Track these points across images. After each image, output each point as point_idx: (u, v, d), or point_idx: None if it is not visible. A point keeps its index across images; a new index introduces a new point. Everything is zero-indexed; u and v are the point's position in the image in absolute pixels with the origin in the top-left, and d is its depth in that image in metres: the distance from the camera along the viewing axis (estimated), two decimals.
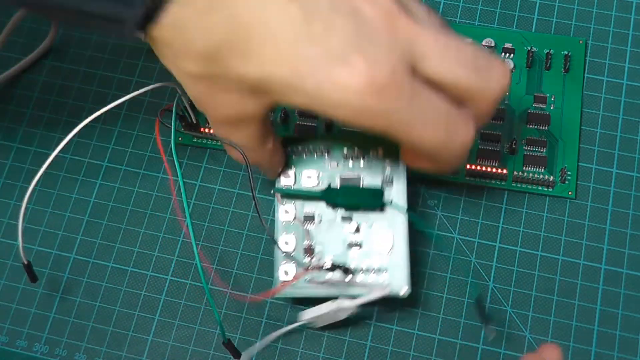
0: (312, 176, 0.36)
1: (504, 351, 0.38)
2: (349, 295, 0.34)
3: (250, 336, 0.39)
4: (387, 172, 0.35)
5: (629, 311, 0.38)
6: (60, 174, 0.42)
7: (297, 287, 0.35)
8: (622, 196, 0.40)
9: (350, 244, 0.35)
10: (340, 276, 0.34)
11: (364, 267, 0.35)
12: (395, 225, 0.35)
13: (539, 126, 0.41)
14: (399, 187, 0.35)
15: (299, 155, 0.36)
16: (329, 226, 0.36)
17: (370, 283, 0.35)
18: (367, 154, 0.36)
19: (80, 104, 0.44)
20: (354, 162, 0.36)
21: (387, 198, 0.35)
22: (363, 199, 0.35)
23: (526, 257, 0.39)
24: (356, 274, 0.35)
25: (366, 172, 0.36)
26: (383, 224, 0.35)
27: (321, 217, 0.36)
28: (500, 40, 0.43)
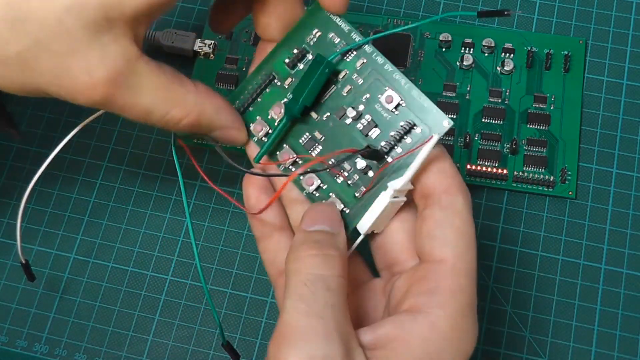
0: (277, 109, 0.32)
1: (504, 351, 0.38)
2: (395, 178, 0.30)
3: (250, 336, 0.39)
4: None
5: (629, 311, 0.38)
6: (60, 174, 0.42)
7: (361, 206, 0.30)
8: (622, 196, 0.40)
9: (364, 130, 0.31)
10: (378, 165, 0.30)
11: (392, 141, 0.30)
12: (389, 80, 0.31)
13: (539, 126, 0.41)
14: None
15: (253, 103, 0.32)
16: (332, 133, 0.31)
17: (410, 145, 0.30)
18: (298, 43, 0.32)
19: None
20: (301, 64, 0.32)
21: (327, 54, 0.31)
22: (311, 77, 0.30)
23: (526, 257, 0.39)
24: (388, 153, 0.30)
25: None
26: (378, 88, 0.31)
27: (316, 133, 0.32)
28: (500, 40, 0.43)
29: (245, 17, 0.34)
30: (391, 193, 0.29)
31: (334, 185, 0.31)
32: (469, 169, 0.40)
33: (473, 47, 0.43)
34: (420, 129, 0.30)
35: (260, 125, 0.32)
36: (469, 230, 0.29)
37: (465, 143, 0.41)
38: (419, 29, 0.44)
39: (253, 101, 0.32)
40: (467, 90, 0.42)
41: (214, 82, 0.43)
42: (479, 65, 0.43)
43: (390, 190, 0.29)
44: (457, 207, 0.29)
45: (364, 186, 0.31)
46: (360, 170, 0.31)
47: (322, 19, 0.32)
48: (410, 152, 0.30)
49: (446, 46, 0.43)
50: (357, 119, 0.31)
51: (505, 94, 0.42)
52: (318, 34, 0.32)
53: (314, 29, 0.32)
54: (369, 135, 0.31)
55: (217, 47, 0.44)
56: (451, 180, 0.29)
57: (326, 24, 0.32)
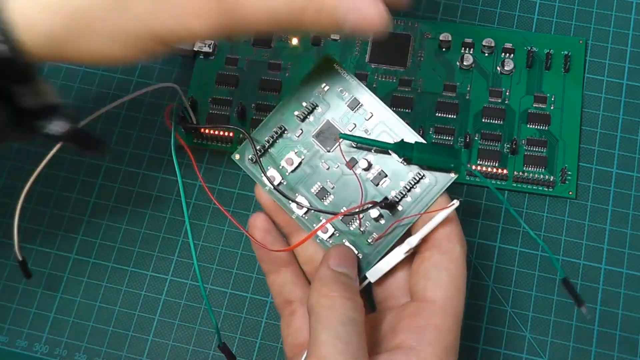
0: (292, 158, 0.33)
1: (504, 351, 0.38)
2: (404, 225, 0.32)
3: (250, 336, 0.39)
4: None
5: (629, 311, 0.38)
6: (60, 174, 0.42)
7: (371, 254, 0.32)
8: (622, 196, 0.40)
9: (374, 181, 0.33)
10: (389, 214, 0.32)
11: (403, 191, 0.32)
12: (397, 132, 0.33)
13: (539, 126, 0.41)
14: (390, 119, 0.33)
15: (265, 154, 0.34)
16: (343, 183, 0.33)
17: (419, 194, 0.32)
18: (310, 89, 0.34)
19: (81, 104, 0.44)
20: (311, 116, 0.34)
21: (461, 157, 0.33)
22: (440, 156, 0.32)
23: (526, 257, 0.39)
24: (399, 202, 0.32)
25: (330, 112, 0.34)
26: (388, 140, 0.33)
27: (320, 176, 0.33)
28: (500, 40, 0.43)
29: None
30: (406, 249, 0.32)
31: (347, 232, 0.33)
32: (468, 169, 0.40)
33: (473, 47, 0.43)
34: (428, 180, 0.33)
35: (273, 175, 0.33)
36: (461, 276, 0.31)
37: (465, 143, 0.41)
38: (419, 29, 0.44)
39: (265, 152, 0.34)
40: (467, 90, 0.42)
41: (214, 83, 0.43)
42: (479, 65, 0.43)
43: (406, 247, 0.32)
44: (455, 254, 0.31)
45: (376, 233, 0.33)
46: (373, 219, 0.33)
47: (330, 73, 0.34)
48: (428, 212, 0.32)
49: (446, 46, 0.43)
50: (367, 170, 0.33)
51: (505, 94, 0.42)
52: (326, 87, 0.34)
53: (322, 83, 0.34)
54: (380, 185, 0.33)
55: (217, 47, 0.44)
56: (453, 229, 0.32)
57: (334, 78, 0.34)
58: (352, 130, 0.33)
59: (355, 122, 0.33)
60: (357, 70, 0.43)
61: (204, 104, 0.43)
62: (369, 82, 0.43)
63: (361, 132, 0.33)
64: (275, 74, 0.43)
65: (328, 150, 0.33)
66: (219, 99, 0.43)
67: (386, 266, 0.32)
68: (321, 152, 0.33)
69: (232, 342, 0.39)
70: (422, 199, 0.32)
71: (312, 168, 0.33)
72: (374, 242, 0.33)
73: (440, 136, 0.41)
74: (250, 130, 0.34)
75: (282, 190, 0.33)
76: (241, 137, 0.42)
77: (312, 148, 0.34)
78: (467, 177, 0.40)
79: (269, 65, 0.43)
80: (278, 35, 0.44)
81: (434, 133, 0.41)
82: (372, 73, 0.43)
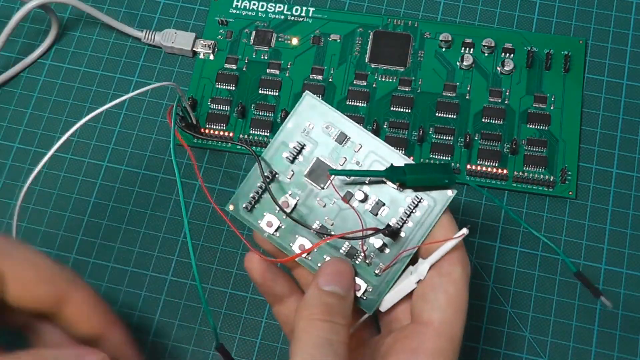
0: (287, 201, 0.33)
1: (504, 351, 0.38)
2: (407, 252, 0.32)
3: (250, 336, 0.39)
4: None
5: (629, 311, 0.38)
6: (60, 174, 0.42)
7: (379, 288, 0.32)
8: (622, 196, 0.40)
9: (373, 211, 0.32)
10: (393, 242, 0.32)
11: (403, 217, 0.32)
12: (387, 160, 0.33)
13: (539, 126, 0.41)
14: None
15: (259, 200, 0.33)
16: (342, 218, 0.33)
17: (419, 217, 0.32)
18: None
19: (80, 104, 0.44)
20: (300, 156, 0.33)
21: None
22: (432, 174, 0.32)
23: (526, 257, 0.39)
24: (401, 228, 0.32)
25: (318, 149, 0.33)
26: (380, 168, 0.33)
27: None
28: (500, 40, 0.43)
29: None
30: (417, 279, 0.31)
31: (353, 266, 0.33)
32: (469, 169, 0.40)
33: (473, 47, 0.43)
34: (426, 202, 0.32)
35: (270, 221, 0.33)
36: (460, 299, 0.31)
37: (465, 143, 0.41)
38: (419, 29, 0.44)
39: (258, 199, 0.33)
40: (467, 90, 0.42)
41: (214, 82, 0.43)
42: (479, 65, 0.43)
43: (417, 277, 0.31)
44: (454, 276, 0.31)
45: (382, 263, 0.32)
46: (377, 249, 0.32)
47: (313, 110, 0.33)
48: (436, 242, 0.32)
49: (446, 46, 0.43)
50: (364, 201, 0.32)
51: (505, 94, 0.42)
52: (311, 125, 0.33)
53: (306, 121, 0.33)
54: (379, 215, 0.32)
55: (217, 47, 0.44)
56: (455, 251, 0.31)
57: (317, 115, 0.33)
58: (343, 164, 0.33)
59: (345, 155, 0.33)
60: (357, 70, 0.43)
61: (204, 103, 0.43)
62: (369, 82, 0.43)
63: (353, 164, 0.33)
64: (275, 74, 0.43)
65: (322, 187, 0.33)
66: (219, 99, 0.43)
67: (397, 296, 0.32)
68: (315, 191, 0.33)
69: (232, 342, 0.39)
70: (424, 222, 0.32)
71: (308, 208, 0.33)
72: (381, 273, 0.32)
73: (440, 136, 0.41)
74: (250, 130, 0.34)
75: (294, 218, 0.32)
76: (239, 147, 0.42)
77: (306, 188, 0.33)
78: (467, 177, 0.40)
79: (269, 65, 0.43)
80: (278, 35, 0.44)
81: (434, 133, 0.41)
82: (372, 73, 0.43)
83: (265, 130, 0.42)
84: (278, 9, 0.45)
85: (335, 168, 0.33)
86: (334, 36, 0.44)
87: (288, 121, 0.33)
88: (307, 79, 0.43)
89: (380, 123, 0.42)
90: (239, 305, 0.39)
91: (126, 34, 0.45)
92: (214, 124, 0.42)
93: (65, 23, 0.46)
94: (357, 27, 0.44)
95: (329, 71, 0.43)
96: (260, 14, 0.45)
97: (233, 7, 0.45)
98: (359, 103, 0.42)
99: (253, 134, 0.42)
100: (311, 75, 0.43)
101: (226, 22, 0.45)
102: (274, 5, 0.45)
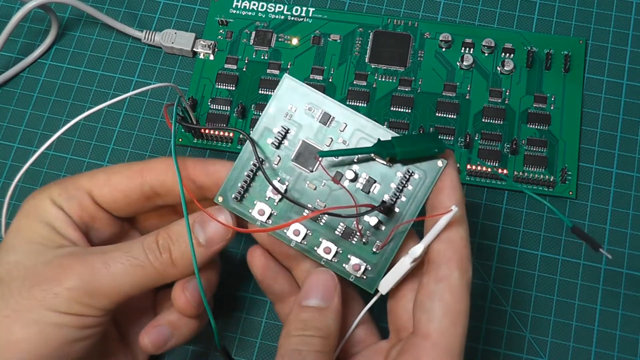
0: (276, 187, 0.32)
1: (504, 351, 0.38)
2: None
3: (250, 336, 0.39)
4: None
5: (629, 311, 0.38)
6: (60, 174, 0.42)
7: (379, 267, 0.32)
8: (622, 196, 0.40)
9: (365, 189, 0.32)
10: (388, 218, 0.32)
11: (396, 192, 0.31)
12: (374, 136, 0.32)
13: (539, 126, 0.41)
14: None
15: (247, 189, 0.32)
16: (334, 199, 0.32)
17: (412, 191, 0.31)
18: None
19: (80, 104, 0.44)
20: (285, 141, 0.32)
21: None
22: (422, 144, 0.31)
23: (526, 257, 0.39)
24: (395, 204, 0.31)
25: (303, 132, 0.32)
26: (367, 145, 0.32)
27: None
28: (500, 40, 0.43)
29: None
30: (411, 259, 0.31)
31: (350, 247, 0.32)
32: (469, 169, 0.40)
33: (473, 47, 0.43)
34: (417, 175, 0.31)
35: (262, 209, 0.32)
36: (458, 306, 0.29)
37: (465, 143, 0.41)
38: (419, 29, 0.44)
39: (247, 188, 0.32)
40: (467, 90, 0.42)
41: (214, 82, 0.43)
42: (479, 65, 0.43)
43: (410, 257, 0.30)
44: (452, 282, 0.29)
45: (379, 241, 0.32)
46: (372, 227, 0.32)
47: (294, 92, 0.32)
48: (430, 217, 0.31)
49: (446, 46, 0.43)
50: (355, 180, 0.32)
51: (505, 94, 0.42)
52: (293, 109, 0.33)
53: (287, 104, 0.32)
54: (371, 192, 0.32)
55: (217, 47, 0.44)
56: (454, 253, 0.30)
57: (299, 97, 0.32)
58: (330, 145, 0.32)
59: (331, 136, 0.32)
60: (357, 70, 0.43)
61: (204, 104, 0.43)
62: (369, 82, 0.43)
63: (339, 144, 0.32)
64: (275, 74, 0.43)
65: (311, 170, 0.32)
66: (219, 99, 0.43)
67: (395, 277, 0.31)
68: (304, 174, 0.32)
69: (232, 342, 0.39)
70: (416, 195, 0.31)
71: (299, 192, 0.32)
72: (379, 250, 0.32)
73: (440, 136, 0.41)
74: (249, 130, 0.33)
75: (290, 198, 0.32)
76: (241, 137, 0.42)
77: (294, 172, 0.32)
78: (467, 178, 0.40)
79: (269, 65, 0.43)
80: (278, 35, 0.44)
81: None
82: (372, 73, 0.43)
83: None
84: (278, 9, 0.45)
85: (322, 150, 0.32)
86: (334, 36, 0.44)
87: (269, 106, 0.33)
88: (307, 79, 0.43)
89: (380, 123, 0.41)
90: (239, 305, 0.39)
91: (126, 34, 0.45)
92: (214, 124, 0.42)
93: (65, 23, 0.46)
94: (357, 27, 0.44)
95: (329, 71, 0.43)
96: (260, 14, 0.45)
97: (233, 7, 0.45)
98: (359, 103, 0.42)
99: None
100: (311, 76, 0.43)
101: (226, 22, 0.45)
102: (274, 5, 0.45)
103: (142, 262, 0.31)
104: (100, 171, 0.33)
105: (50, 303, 0.29)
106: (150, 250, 0.31)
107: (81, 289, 0.30)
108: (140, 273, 0.31)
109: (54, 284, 0.29)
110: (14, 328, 0.29)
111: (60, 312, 0.29)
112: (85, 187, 0.33)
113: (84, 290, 0.30)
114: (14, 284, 0.30)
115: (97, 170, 0.33)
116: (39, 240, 0.31)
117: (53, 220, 0.31)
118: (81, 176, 0.33)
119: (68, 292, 0.29)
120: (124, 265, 0.30)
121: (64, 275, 0.30)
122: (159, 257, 0.31)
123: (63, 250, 0.31)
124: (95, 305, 0.30)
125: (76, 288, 0.29)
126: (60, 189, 0.32)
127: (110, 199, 0.33)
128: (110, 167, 0.33)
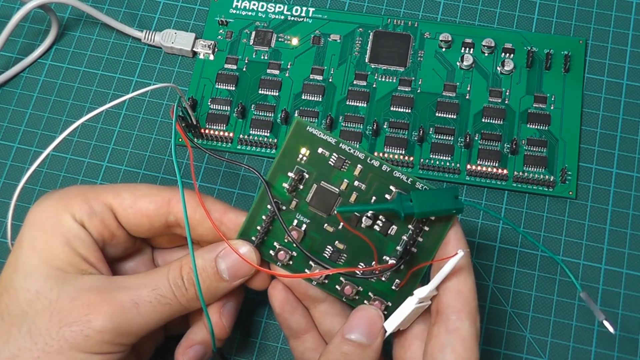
0: (295, 230, 0.32)
1: (504, 351, 0.38)
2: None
3: (250, 336, 0.39)
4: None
5: (629, 311, 0.38)
6: (60, 174, 0.42)
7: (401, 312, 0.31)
8: (622, 196, 0.40)
9: (382, 231, 0.32)
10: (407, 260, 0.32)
11: (413, 234, 0.32)
12: (390, 179, 0.32)
13: (539, 126, 0.41)
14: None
15: (268, 233, 0.33)
16: (352, 240, 0.32)
17: (428, 232, 0.32)
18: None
19: (80, 104, 0.44)
20: (300, 185, 0.32)
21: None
22: (441, 205, 0.31)
23: (526, 257, 0.39)
24: (414, 245, 0.32)
25: (318, 176, 0.32)
26: (383, 189, 0.32)
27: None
28: (500, 40, 0.43)
29: None
30: (416, 300, 0.31)
31: (370, 285, 0.33)
32: (469, 169, 0.40)
33: (473, 47, 0.43)
34: (434, 217, 0.31)
35: (282, 252, 0.33)
36: (470, 356, 0.29)
37: (465, 143, 0.41)
38: (419, 29, 0.44)
39: (267, 231, 0.33)
40: (467, 90, 0.42)
41: (214, 82, 0.43)
42: (479, 65, 0.43)
43: (416, 298, 0.31)
44: (463, 333, 0.30)
45: (399, 279, 0.32)
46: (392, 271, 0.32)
47: (306, 137, 0.32)
48: (438, 260, 0.31)
49: (446, 46, 0.43)
50: (372, 225, 0.32)
51: (505, 94, 0.42)
52: (307, 152, 0.32)
53: (301, 148, 0.32)
54: (389, 234, 0.32)
55: (217, 47, 0.44)
56: (464, 304, 0.30)
57: (311, 141, 0.32)
58: (346, 189, 0.32)
59: (346, 179, 0.32)
60: (357, 71, 0.43)
61: (204, 104, 0.43)
62: (369, 82, 0.43)
63: (355, 187, 0.32)
64: (275, 74, 0.43)
65: (328, 214, 0.32)
66: (219, 99, 0.43)
67: (400, 316, 0.31)
68: (322, 216, 0.32)
69: (232, 342, 0.39)
70: (429, 244, 0.32)
71: (318, 233, 0.32)
72: (399, 289, 0.32)
73: (440, 136, 0.41)
74: (265, 174, 0.33)
75: (307, 253, 0.32)
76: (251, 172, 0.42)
77: (311, 215, 0.32)
78: (467, 178, 0.40)
79: (269, 65, 0.43)
80: (278, 35, 0.44)
81: (434, 133, 0.41)
82: (372, 73, 0.43)
83: (265, 130, 0.42)
84: (278, 9, 0.45)
85: (336, 191, 0.32)
86: (334, 36, 0.44)
87: (283, 151, 0.32)
88: (307, 79, 0.43)
89: (380, 123, 0.42)
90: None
91: (126, 34, 0.45)
92: (214, 125, 0.42)
93: (65, 23, 0.46)
94: (357, 27, 0.44)
95: (329, 71, 0.43)
96: (260, 14, 0.45)
97: (233, 7, 0.45)
98: (359, 103, 0.42)
99: (253, 134, 0.42)
100: (311, 76, 0.43)
101: (226, 22, 0.45)
102: (274, 5, 0.45)
103: (170, 300, 0.31)
104: (125, 190, 0.32)
105: (81, 345, 0.29)
106: (176, 287, 0.31)
107: (112, 331, 0.29)
108: (168, 310, 0.31)
109: (84, 325, 0.29)
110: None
111: (90, 353, 0.29)
112: (109, 204, 0.32)
113: (115, 332, 0.29)
114: (40, 321, 0.29)
115: (121, 186, 0.33)
116: (59, 265, 0.30)
117: (74, 241, 0.31)
118: (104, 190, 0.32)
119: (99, 334, 0.29)
120: (152, 304, 0.30)
121: (93, 316, 0.29)
122: (185, 293, 0.31)
123: (86, 280, 0.30)
124: (124, 343, 0.30)
125: (107, 330, 0.29)
126: (81, 202, 0.31)
127: (134, 222, 0.32)
128: (137, 187, 0.33)
